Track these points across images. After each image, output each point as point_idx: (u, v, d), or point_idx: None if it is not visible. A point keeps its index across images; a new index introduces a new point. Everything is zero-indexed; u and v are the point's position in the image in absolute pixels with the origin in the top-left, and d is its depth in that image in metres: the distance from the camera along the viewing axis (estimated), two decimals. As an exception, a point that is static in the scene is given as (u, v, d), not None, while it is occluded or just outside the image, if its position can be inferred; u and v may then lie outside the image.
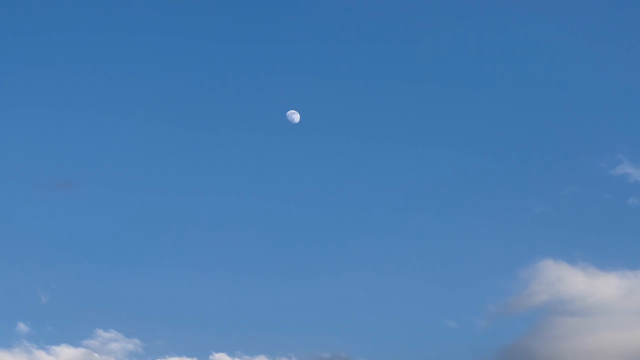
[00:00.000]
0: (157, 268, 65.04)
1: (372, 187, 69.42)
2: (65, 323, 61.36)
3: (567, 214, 65.80)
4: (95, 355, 59.80)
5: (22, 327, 60.76)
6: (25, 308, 62.23)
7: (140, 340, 60.59)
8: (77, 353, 59.72)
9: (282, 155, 71.61)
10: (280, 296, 63.73)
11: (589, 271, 61.06)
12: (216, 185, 70.37)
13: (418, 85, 74.15)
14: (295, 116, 65.08)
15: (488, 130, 71.26)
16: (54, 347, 59.76)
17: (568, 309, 59.94)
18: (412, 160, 70.86)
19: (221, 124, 73.38)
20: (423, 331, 60.53)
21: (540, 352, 56.89)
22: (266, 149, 71.61)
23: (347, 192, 69.50)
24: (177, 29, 76.87)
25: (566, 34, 73.27)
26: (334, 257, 65.81)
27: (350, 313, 61.83)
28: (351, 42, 75.35)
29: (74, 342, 59.99)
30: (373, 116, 72.80)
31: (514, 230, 65.23)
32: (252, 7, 77.27)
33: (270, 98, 73.37)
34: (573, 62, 72.79)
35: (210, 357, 58.81)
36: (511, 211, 66.50)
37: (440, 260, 64.40)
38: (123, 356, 59.99)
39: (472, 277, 62.86)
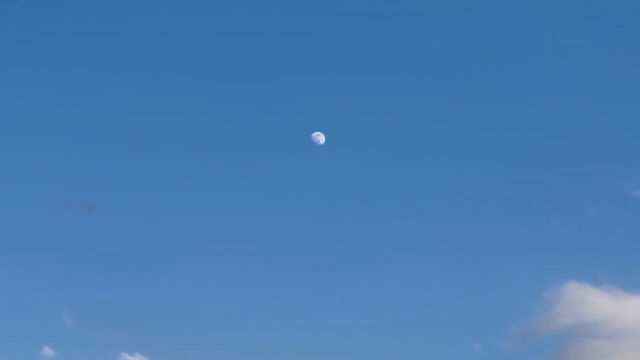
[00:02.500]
0: (182, 291, 65.14)
1: (394, 209, 69.50)
2: (90, 347, 61.29)
3: (591, 235, 65.87)
4: (121, 379, 59.90)
5: (47, 350, 60.79)
6: (50, 331, 62.28)
7: (166, 363, 60.66)
8: (102, 377, 59.85)
9: (304, 173, 71.90)
10: (303, 315, 64.05)
11: (614, 293, 61.02)
12: (241, 207, 70.47)
13: (443, 102, 74.37)
14: (320, 138, 65.18)
15: (513, 151, 71.31)
16: (79, 370, 59.94)
17: (593, 331, 59.88)
18: (438, 181, 71.01)
19: (248, 145, 73.63)
20: (448, 353, 60.60)
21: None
22: (290, 168, 71.91)
23: (369, 213, 69.65)
24: (204, 49, 77.48)
25: (593, 49, 73.49)
26: (354, 277, 66.03)
27: (374, 334, 61.94)
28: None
29: (99, 366, 60.13)
30: (396, 131, 73.06)
31: (538, 252, 65.25)
32: (281, 30, 77.79)
33: (296, 119, 73.77)
34: (599, 82, 72.93)
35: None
36: (535, 233, 66.57)
37: (465, 283, 64.43)
38: (148, 380, 60.14)
39: (496, 300, 62.88)
